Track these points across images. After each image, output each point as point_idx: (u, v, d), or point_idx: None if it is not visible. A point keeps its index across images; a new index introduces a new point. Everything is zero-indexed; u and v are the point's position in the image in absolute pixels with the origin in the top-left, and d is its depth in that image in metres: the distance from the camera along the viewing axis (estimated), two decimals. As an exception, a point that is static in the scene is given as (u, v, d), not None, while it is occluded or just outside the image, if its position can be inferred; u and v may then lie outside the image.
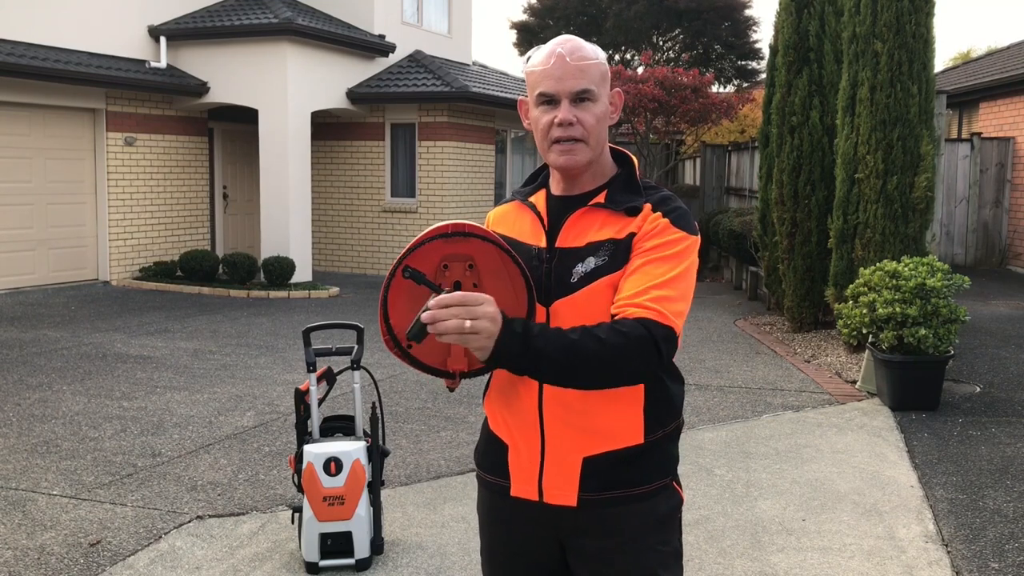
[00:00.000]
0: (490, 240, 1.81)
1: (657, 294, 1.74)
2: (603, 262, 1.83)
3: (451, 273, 1.82)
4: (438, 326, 1.59)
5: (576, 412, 1.85)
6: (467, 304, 1.60)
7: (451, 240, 1.80)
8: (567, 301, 1.84)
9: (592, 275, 1.83)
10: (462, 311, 1.59)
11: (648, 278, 1.76)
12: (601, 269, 1.82)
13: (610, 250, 1.83)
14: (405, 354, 1.85)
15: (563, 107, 1.84)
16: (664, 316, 1.72)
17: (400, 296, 1.82)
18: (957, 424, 6.03)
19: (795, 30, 8.93)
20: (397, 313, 1.83)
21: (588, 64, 1.85)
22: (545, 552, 1.96)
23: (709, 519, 4.42)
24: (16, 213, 11.60)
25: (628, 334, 1.69)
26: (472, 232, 1.80)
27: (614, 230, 1.85)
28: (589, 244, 1.85)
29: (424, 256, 1.80)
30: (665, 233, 1.81)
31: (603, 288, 1.81)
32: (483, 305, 1.61)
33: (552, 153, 1.88)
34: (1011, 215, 14.55)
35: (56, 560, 3.91)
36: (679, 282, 1.78)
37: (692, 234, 1.84)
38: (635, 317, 1.71)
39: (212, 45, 13.03)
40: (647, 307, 1.72)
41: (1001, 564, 3.93)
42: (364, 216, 14.78)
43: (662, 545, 1.91)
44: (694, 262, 1.84)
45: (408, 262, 1.78)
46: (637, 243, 1.82)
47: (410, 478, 4.99)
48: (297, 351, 8.23)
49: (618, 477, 1.87)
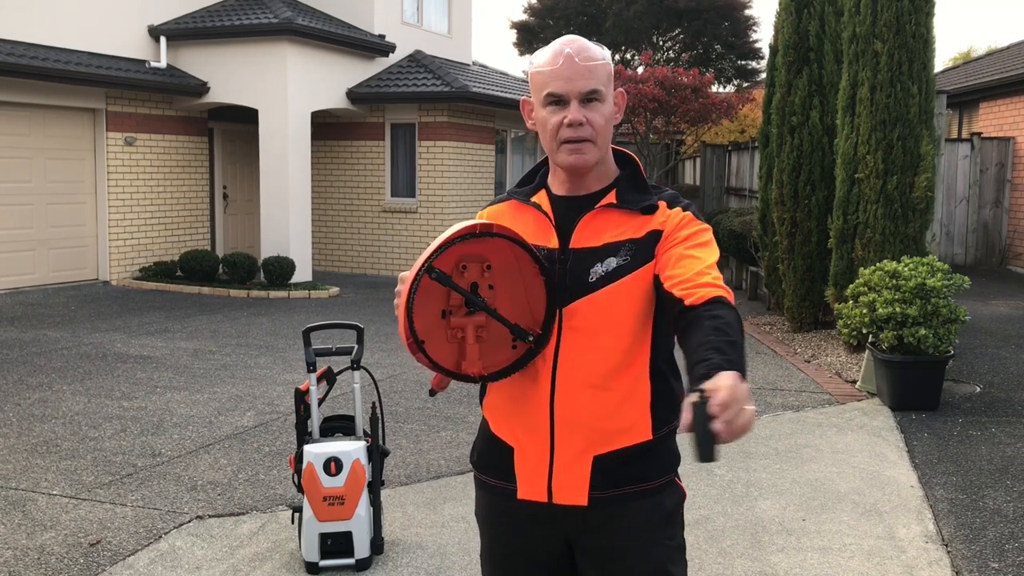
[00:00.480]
0: (515, 241, 1.81)
1: (715, 274, 1.77)
2: (625, 261, 1.85)
3: (469, 274, 1.82)
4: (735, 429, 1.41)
5: (587, 411, 1.86)
6: (738, 394, 1.43)
7: (467, 241, 1.80)
8: (586, 301, 1.85)
9: (614, 275, 1.85)
10: (743, 402, 1.43)
11: (699, 262, 1.80)
12: (624, 268, 1.85)
13: (631, 250, 1.86)
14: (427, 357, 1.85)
15: (572, 108, 1.85)
16: (730, 294, 1.76)
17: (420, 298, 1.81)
18: (957, 424, 6.03)
19: (795, 30, 8.93)
20: (418, 315, 1.81)
21: (596, 64, 1.86)
22: (550, 552, 1.96)
23: (709, 519, 4.42)
24: (16, 213, 11.60)
25: (732, 312, 1.71)
26: (499, 232, 1.80)
27: (632, 229, 1.87)
28: (607, 244, 1.87)
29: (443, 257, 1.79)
30: (692, 224, 1.87)
31: (626, 287, 1.84)
32: (742, 384, 1.46)
33: (561, 153, 1.88)
34: (1011, 215, 14.55)
35: (56, 560, 3.91)
36: (716, 268, 1.82)
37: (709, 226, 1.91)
38: (712, 297, 1.72)
39: (212, 45, 13.03)
40: (718, 286, 1.75)
41: (1001, 564, 3.93)
42: (364, 216, 14.78)
43: (669, 540, 1.94)
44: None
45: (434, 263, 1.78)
46: (669, 236, 1.85)
47: (410, 478, 4.99)
48: (297, 351, 8.23)
49: (627, 474, 1.89)
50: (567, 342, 1.87)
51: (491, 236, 1.80)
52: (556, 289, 1.84)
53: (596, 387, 1.86)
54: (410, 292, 1.78)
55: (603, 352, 1.86)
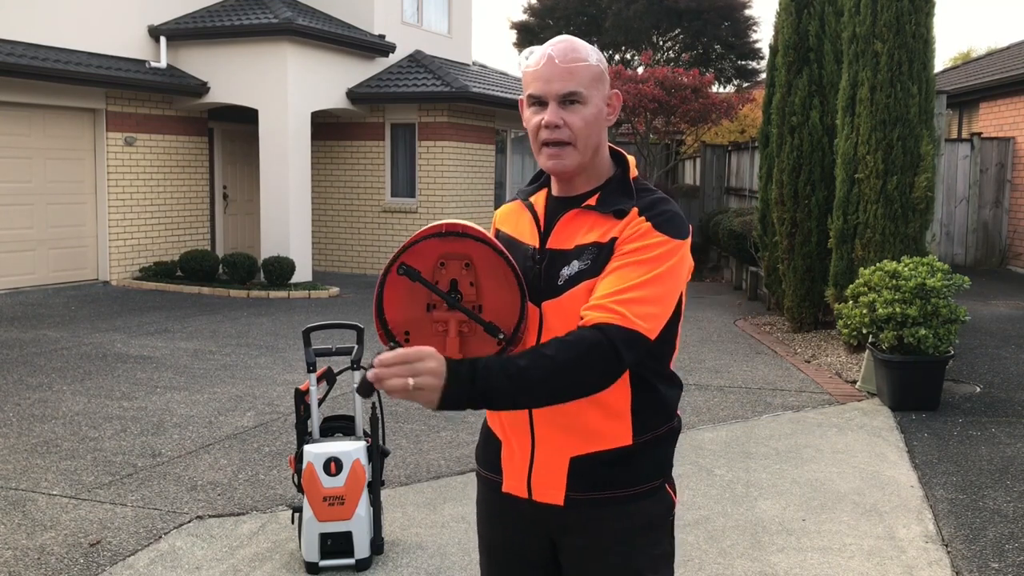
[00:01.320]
0: (484, 241, 1.82)
1: (625, 297, 1.72)
2: (586, 266, 1.82)
3: (448, 271, 1.84)
4: (383, 384, 1.58)
5: (564, 412, 1.84)
6: (408, 361, 1.59)
7: (449, 239, 1.81)
8: (554, 303, 1.85)
9: (575, 278, 1.83)
10: (404, 369, 1.58)
11: (620, 281, 1.75)
12: (584, 273, 1.82)
13: (593, 254, 1.83)
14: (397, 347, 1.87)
15: (550, 109, 1.84)
16: (627, 319, 1.70)
17: (396, 292, 1.84)
18: (957, 424, 6.03)
19: (795, 30, 8.93)
20: (392, 309, 1.85)
21: (578, 66, 1.84)
22: (537, 549, 1.97)
23: (709, 519, 4.42)
24: (16, 213, 11.60)
25: (579, 344, 1.68)
26: (466, 232, 1.81)
27: (599, 233, 1.84)
28: (576, 247, 1.85)
29: (422, 254, 1.81)
30: (645, 237, 1.79)
31: (584, 292, 1.81)
32: (424, 361, 1.59)
33: (542, 156, 1.88)
34: (1011, 215, 14.55)
35: (56, 560, 3.91)
36: (653, 285, 1.75)
37: (676, 238, 1.80)
38: (594, 323, 1.70)
39: (212, 45, 13.03)
40: (611, 310, 1.71)
41: (1001, 564, 3.93)
42: (364, 216, 14.78)
43: (651, 547, 1.91)
44: (675, 266, 1.79)
45: (404, 259, 1.80)
46: (618, 247, 1.81)
47: (410, 478, 4.99)
48: (297, 351, 8.23)
49: (606, 478, 1.87)
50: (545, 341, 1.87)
51: (459, 236, 1.81)
52: (526, 289, 1.83)
53: None
54: (379, 285, 1.82)
55: None
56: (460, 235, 1.81)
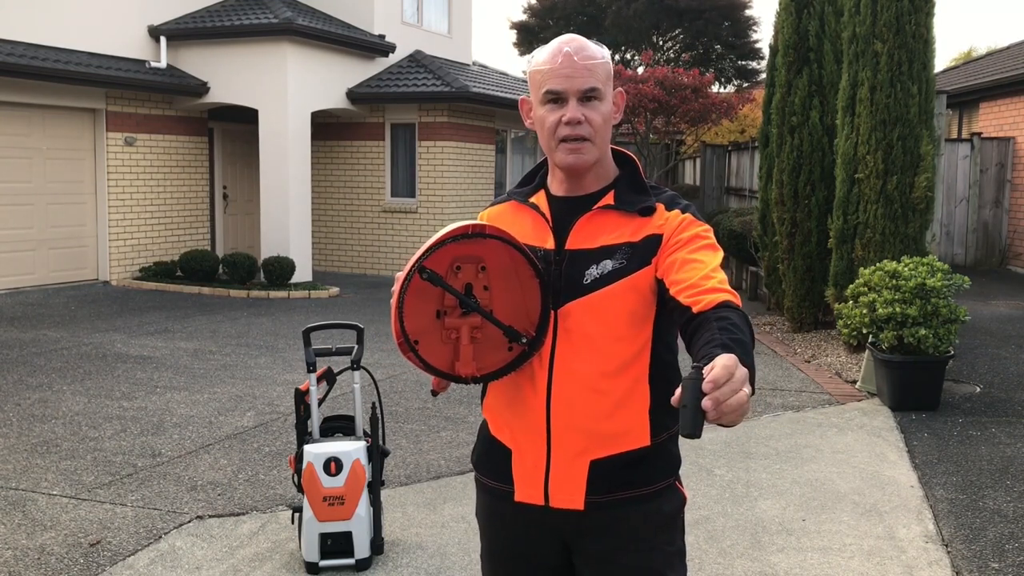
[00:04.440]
0: (508, 242, 1.80)
1: (720, 277, 1.76)
2: (621, 265, 1.83)
3: (463, 275, 1.81)
4: (724, 408, 1.38)
5: (583, 415, 1.84)
6: (734, 373, 1.40)
7: (462, 241, 1.79)
8: (580, 303, 1.84)
9: (609, 277, 1.83)
10: (737, 383, 1.40)
11: (703, 266, 1.78)
12: (619, 272, 1.83)
13: (627, 253, 1.84)
14: (418, 357, 1.84)
15: (571, 105, 1.84)
16: (737, 297, 1.74)
17: (413, 297, 1.80)
18: (957, 424, 6.03)
19: (795, 30, 8.93)
20: (410, 315, 1.81)
21: (595, 63, 1.85)
22: (549, 554, 1.96)
23: (709, 519, 4.42)
24: (16, 213, 11.60)
25: (743, 317, 1.70)
26: (492, 234, 1.79)
27: (628, 232, 1.85)
28: (603, 247, 1.85)
29: (436, 257, 1.78)
30: (693, 226, 1.85)
31: (622, 290, 1.83)
32: (739, 367, 1.42)
33: (559, 152, 1.87)
34: (1011, 215, 14.55)
35: (56, 560, 3.91)
36: (720, 268, 1.81)
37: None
38: (718, 303, 1.71)
39: (212, 45, 13.03)
40: (724, 290, 1.73)
41: (1001, 564, 3.93)
42: (364, 216, 14.78)
43: (667, 545, 1.92)
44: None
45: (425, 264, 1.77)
46: (669, 240, 1.83)
47: (410, 478, 4.99)
48: (297, 351, 8.23)
49: (625, 479, 1.87)
50: (562, 344, 1.85)
51: (484, 237, 1.79)
52: (550, 291, 1.83)
53: (592, 390, 1.84)
54: (400, 292, 1.78)
55: (598, 355, 1.84)
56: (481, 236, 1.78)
